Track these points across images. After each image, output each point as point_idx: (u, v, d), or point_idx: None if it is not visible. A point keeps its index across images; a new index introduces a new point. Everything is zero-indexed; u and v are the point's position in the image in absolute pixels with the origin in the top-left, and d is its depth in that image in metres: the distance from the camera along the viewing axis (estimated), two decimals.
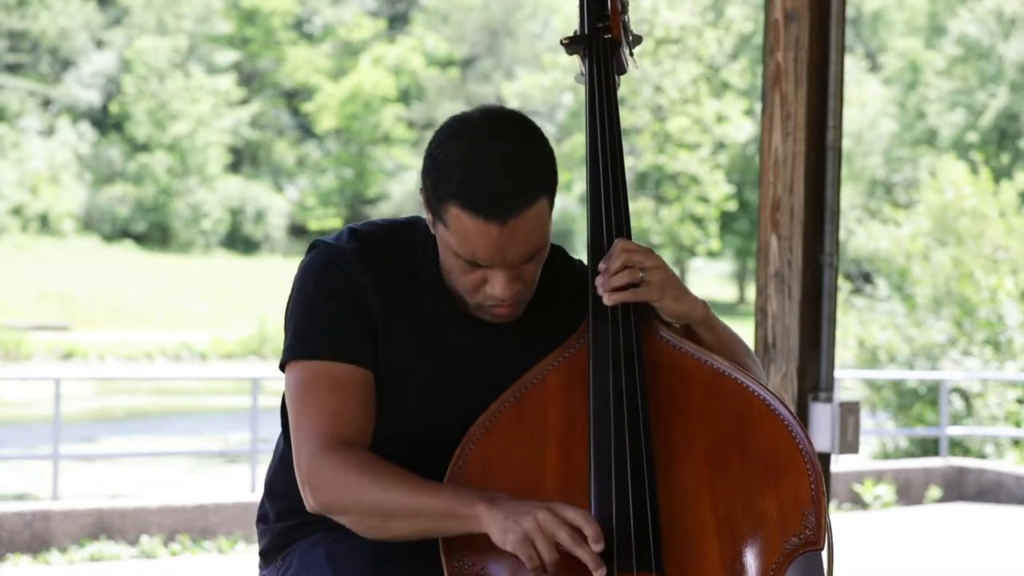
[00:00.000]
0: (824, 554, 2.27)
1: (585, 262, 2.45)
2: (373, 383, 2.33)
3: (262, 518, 2.54)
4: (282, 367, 2.37)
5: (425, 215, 2.37)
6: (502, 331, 2.40)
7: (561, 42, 2.50)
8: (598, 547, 2.10)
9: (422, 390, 2.36)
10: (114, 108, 46.36)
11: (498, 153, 2.25)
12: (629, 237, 2.39)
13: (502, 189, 2.23)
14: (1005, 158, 40.33)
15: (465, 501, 2.17)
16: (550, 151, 2.34)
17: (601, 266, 2.33)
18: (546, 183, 2.30)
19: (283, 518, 2.47)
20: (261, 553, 2.53)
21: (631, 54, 2.56)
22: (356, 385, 2.32)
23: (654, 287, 2.32)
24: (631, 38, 2.55)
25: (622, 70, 2.54)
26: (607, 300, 2.31)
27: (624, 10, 2.53)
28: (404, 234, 2.43)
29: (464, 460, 2.27)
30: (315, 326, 2.33)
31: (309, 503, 2.28)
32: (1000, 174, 27.28)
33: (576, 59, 2.53)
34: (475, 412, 2.33)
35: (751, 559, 2.20)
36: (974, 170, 20.86)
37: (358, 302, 2.35)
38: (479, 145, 2.26)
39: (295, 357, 2.33)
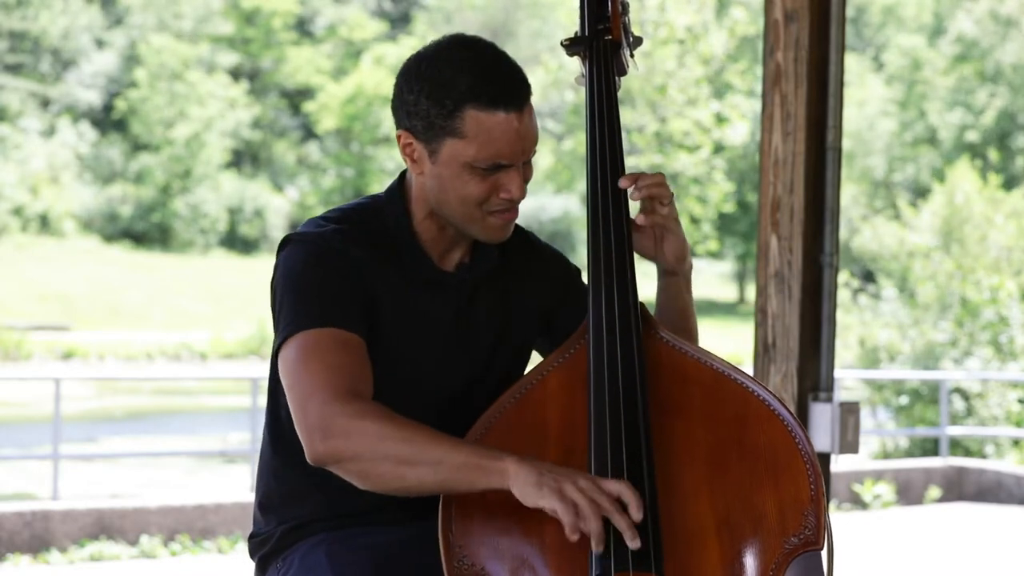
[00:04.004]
0: (824, 554, 2.28)
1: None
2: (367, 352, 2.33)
3: (255, 534, 2.52)
4: (277, 351, 2.33)
5: (412, 158, 2.37)
6: (479, 297, 2.46)
7: (562, 43, 2.51)
8: (638, 516, 2.11)
9: (410, 358, 2.38)
10: (115, 108, 46.35)
11: (492, 52, 2.34)
12: (630, 237, 2.41)
13: (513, 79, 2.32)
14: (1010, 159, 40.34)
15: (492, 454, 2.15)
16: None
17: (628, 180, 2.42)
18: (528, 80, 2.38)
19: (283, 522, 2.46)
20: (260, 559, 2.51)
21: (631, 55, 2.57)
22: (357, 347, 2.30)
23: (672, 214, 2.45)
24: (631, 39, 2.55)
25: (622, 71, 2.55)
26: (639, 194, 2.41)
27: (625, 12, 2.54)
28: (370, 210, 2.45)
29: None
30: (310, 300, 2.31)
31: (316, 450, 2.20)
32: (1007, 177, 27.29)
33: (577, 60, 2.54)
34: (458, 377, 2.39)
35: (750, 559, 2.20)
36: (984, 177, 20.91)
37: (351, 275, 2.35)
38: (472, 49, 2.33)
39: (295, 331, 2.29)
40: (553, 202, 42.82)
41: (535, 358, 2.54)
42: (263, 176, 48.81)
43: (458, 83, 2.29)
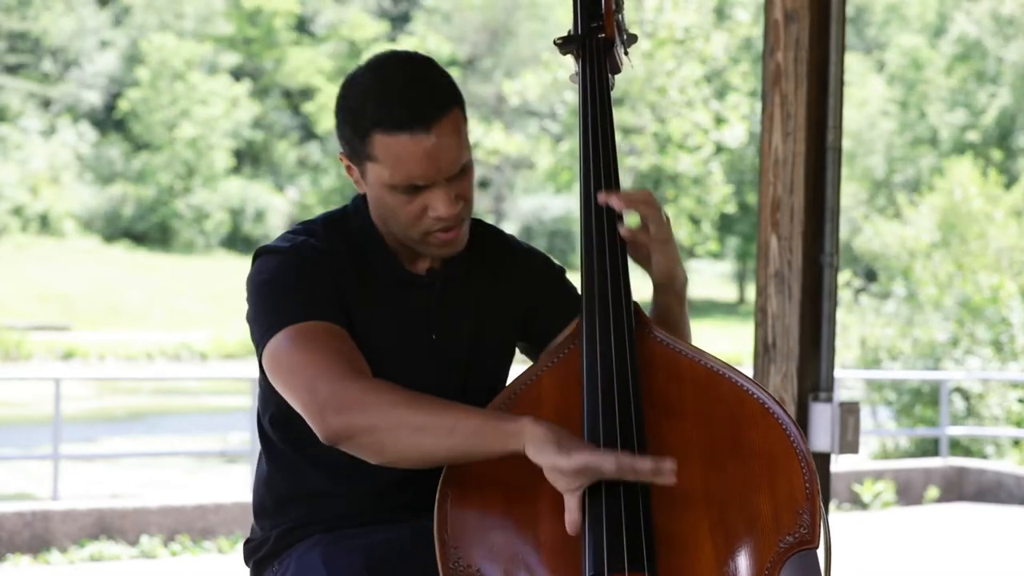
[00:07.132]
0: (822, 553, 2.27)
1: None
2: None
3: (250, 539, 2.53)
4: (263, 349, 2.32)
5: (354, 179, 2.41)
6: (452, 298, 2.46)
7: (555, 42, 2.51)
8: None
9: (387, 359, 2.38)
10: (116, 108, 46.35)
11: (402, 74, 2.32)
12: (623, 237, 2.40)
13: (416, 100, 2.29)
14: (1011, 159, 40.35)
15: (507, 416, 2.18)
16: (446, 71, 2.40)
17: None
18: (455, 94, 2.35)
19: (276, 526, 2.47)
20: (255, 563, 2.52)
21: (626, 53, 2.56)
22: (347, 337, 2.33)
23: (661, 234, 2.38)
24: (626, 37, 2.54)
25: (616, 69, 2.54)
26: (616, 204, 2.36)
27: (619, 9, 2.53)
28: (338, 220, 2.48)
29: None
30: (293, 298, 2.33)
31: (330, 427, 2.20)
32: (1008, 178, 27.29)
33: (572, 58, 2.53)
34: (438, 378, 2.39)
35: (745, 559, 2.19)
36: (983, 171, 20.90)
37: (327, 278, 2.37)
38: (382, 73, 2.34)
39: (284, 325, 2.30)
40: (553, 202, 42.83)
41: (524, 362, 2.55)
42: (264, 176, 48.82)
43: (365, 110, 2.32)
